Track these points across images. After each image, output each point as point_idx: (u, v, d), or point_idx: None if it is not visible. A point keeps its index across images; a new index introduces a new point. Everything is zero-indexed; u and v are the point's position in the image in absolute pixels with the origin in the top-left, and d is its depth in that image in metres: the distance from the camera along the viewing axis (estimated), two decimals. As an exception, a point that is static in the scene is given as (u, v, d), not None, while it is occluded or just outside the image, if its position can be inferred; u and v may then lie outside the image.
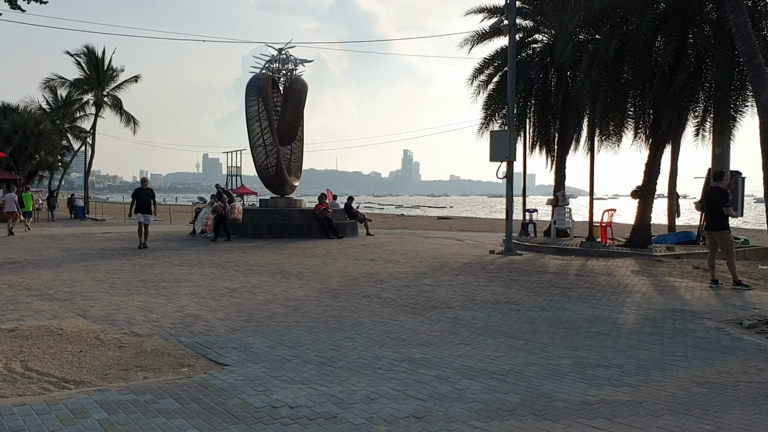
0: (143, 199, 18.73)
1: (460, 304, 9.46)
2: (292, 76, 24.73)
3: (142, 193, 18.91)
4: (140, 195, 18.83)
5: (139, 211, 18.58)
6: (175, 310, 8.88)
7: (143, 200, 18.71)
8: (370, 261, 15.27)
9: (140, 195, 18.83)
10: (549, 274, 12.94)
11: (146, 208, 18.63)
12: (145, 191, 18.97)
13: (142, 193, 18.90)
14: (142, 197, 18.77)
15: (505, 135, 16.80)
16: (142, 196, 18.80)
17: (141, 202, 18.67)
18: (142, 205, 18.62)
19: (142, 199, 18.72)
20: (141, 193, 18.89)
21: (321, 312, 8.85)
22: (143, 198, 18.76)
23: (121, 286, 11.12)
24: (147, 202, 18.72)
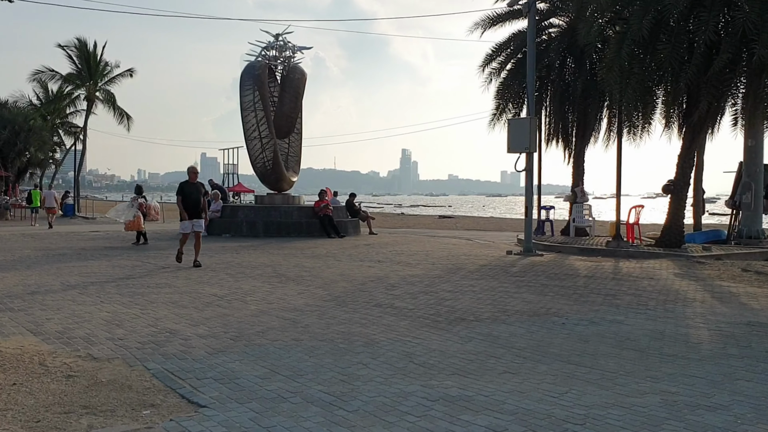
0: (193, 197, 13.08)
1: (491, 316, 7.91)
2: (290, 64, 23.14)
3: (192, 190, 13.20)
4: (189, 191, 13.14)
5: (188, 212, 13.04)
6: (149, 324, 7.33)
7: (193, 199, 13.08)
8: (377, 263, 13.72)
9: (189, 191, 13.14)
10: (582, 278, 11.39)
11: (196, 210, 13.12)
12: (195, 186, 13.27)
13: (191, 189, 13.21)
14: (192, 195, 13.11)
15: (525, 123, 15.25)
16: (192, 194, 13.12)
17: (189, 201, 13.07)
18: (190, 206, 13.06)
19: (191, 197, 13.08)
20: (190, 189, 13.19)
21: (325, 326, 7.30)
22: (193, 196, 13.10)
23: (91, 292, 9.56)
24: (197, 201, 13.13)
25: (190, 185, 13.16)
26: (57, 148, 52.00)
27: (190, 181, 13.23)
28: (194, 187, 13.18)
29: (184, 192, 13.07)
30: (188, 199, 13.00)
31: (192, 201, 13.00)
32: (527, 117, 15.38)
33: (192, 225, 13.00)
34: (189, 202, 12.99)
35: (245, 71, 22.44)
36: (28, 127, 45.77)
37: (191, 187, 13.13)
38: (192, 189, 13.11)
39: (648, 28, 13.79)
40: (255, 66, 22.39)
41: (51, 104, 47.13)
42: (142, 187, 19.56)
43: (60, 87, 47.24)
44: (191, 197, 13.04)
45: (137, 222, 17.83)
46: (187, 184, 13.18)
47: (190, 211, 12.94)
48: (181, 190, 13.16)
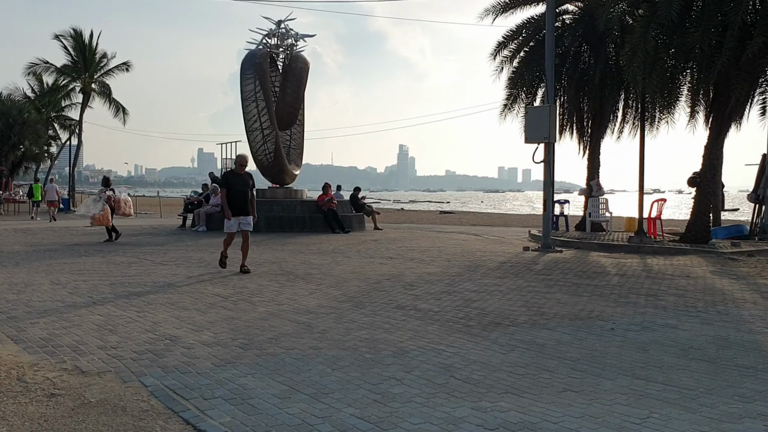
0: (240, 190, 11.05)
1: (529, 320, 7.09)
2: (293, 52, 22.26)
3: (239, 182, 11.13)
4: (235, 183, 11.11)
5: (234, 208, 11.02)
6: (146, 329, 6.49)
7: (240, 193, 11.05)
8: (388, 259, 12.89)
9: (235, 183, 11.11)
10: (614, 276, 10.58)
11: (243, 206, 11.11)
12: (242, 178, 11.17)
13: (238, 181, 11.13)
14: (239, 187, 11.07)
15: (544, 112, 14.41)
16: (239, 186, 11.08)
17: (236, 195, 11.04)
18: (237, 200, 11.05)
19: (237, 189, 11.06)
20: (236, 181, 11.14)
21: (344, 332, 6.47)
22: (240, 189, 11.05)
23: (83, 292, 8.72)
24: (245, 195, 11.08)
25: (237, 176, 11.18)
26: (52, 142, 51.02)
27: (236, 171, 11.33)
28: (241, 179, 11.15)
29: (229, 184, 11.13)
30: (235, 193, 11.01)
31: (239, 195, 11.01)
32: (546, 105, 14.54)
33: (239, 223, 11.06)
34: (236, 196, 11.00)
35: (246, 60, 21.56)
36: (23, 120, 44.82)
37: (238, 179, 11.14)
38: (239, 181, 11.11)
39: (677, 10, 12.95)
40: (256, 54, 21.50)
41: (46, 96, 46.14)
42: (109, 178, 17.78)
43: (55, 79, 46.28)
44: (238, 190, 11.03)
45: (105, 216, 16.42)
46: (233, 175, 11.28)
47: (236, 207, 10.98)
48: (225, 182, 11.33)
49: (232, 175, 11.37)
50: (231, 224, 11.07)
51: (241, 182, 11.12)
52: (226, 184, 11.18)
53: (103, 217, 16.38)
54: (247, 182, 11.19)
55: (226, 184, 11.21)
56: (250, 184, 11.26)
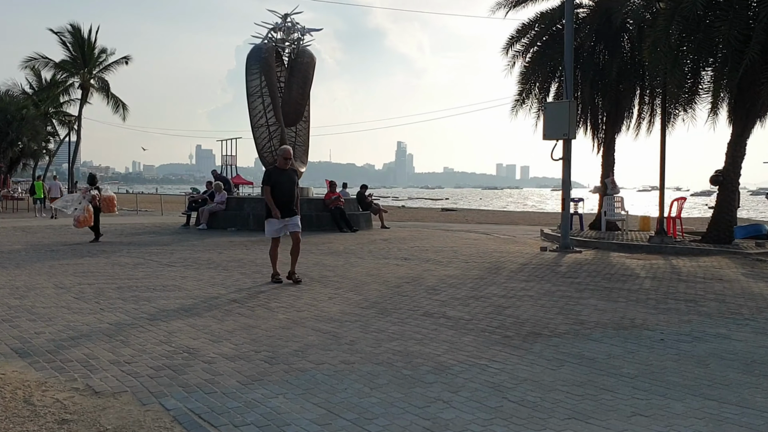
0: (286, 187, 9.73)
1: (570, 330, 6.62)
2: (299, 47, 21.74)
3: (284, 178, 9.79)
4: (280, 180, 9.74)
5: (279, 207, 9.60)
6: (161, 340, 6.02)
7: (286, 191, 9.71)
8: (403, 261, 12.43)
9: (280, 180, 9.74)
10: (644, 279, 10.12)
11: (290, 205, 9.73)
12: (287, 174, 9.84)
13: (283, 178, 9.79)
14: (285, 185, 9.74)
15: (563, 108, 13.93)
16: (285, 183, 9.75)
17: (282, 193, 9.67)
18: (284, 199, 9.66)
19: (284, 187, 9.71)
20: (281, 177, 9.78)
21: (374, 343, 6.00)
22: (286, 186, 9.73)
23: (89, 296, 8.25)
24: (291, 193, 9.77)
25: (281, 173, 9.77)
26: (50, 138, 50.49)
27: (279, 166, 9.86)
28: (286, 175, 9.78)
29: (272, 180, 9.67)
30: (280, 191, 9.63)
31: (285, 193, 9.65)
32: (566, 100, 14.06)
33: (285, 225, 9.67)
34: (282, 195, 9.62)
35: (251, 54, 21.05)
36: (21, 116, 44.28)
37: (283, 175, 9.75)
38: (284, 177, 9.73)
39: (703, 2, 12.48)
40: (261, 49, 20.99)
41: (44, 92, 45.58)
42: (95, 176, 16.79)
43: (54, 75, 45.77)
44: (284, 188, 9.66)
45: (89, 218, 15.29)
46: (277, 171, 9.81)
47: (283, 207, 9.59)
48: (268, 179, 9.78)
49: (276, 171, 9.85)
50: (274, 227, 9.63)
51: (286, 179, 9.77)
52: (270, 182, 9.71)
53: (87, 219, 15.35)
54: (293, 179, 9.88)
55: (269, 182, 9.73)
56: (296, 180, 9.97)
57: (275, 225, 9.69)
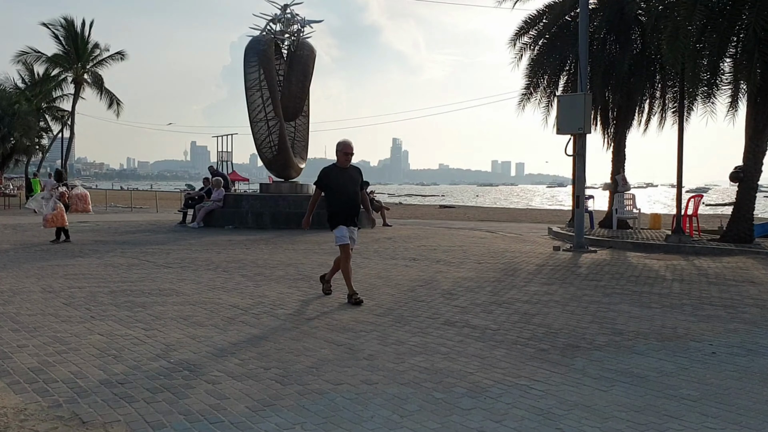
0: (348, 190, 7.82)
1: (609, 341, 6.01)
2: (299, 39, 21.07)
3: (345, 179, 7.85)
4: (340, 183, 7.82)
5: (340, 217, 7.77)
6: (158, 353, 5.39)
7: (348, 195, 7.81)
8: (412, 261, 11.82)
9: (340, 183, 7.82)
10: (671, 282, 9.52)
11: (353, 212, 7.88)
12: (348, 175, 7.88)
13: (344, 179, 7.84)
14: (347, 188, 7.83)
15: (578, 100, 13.31)
16: (347, 186, 7.83)
17: (342, 198, 7.79)
18: (346, 204, 7.79)
19: (345, 190, 7.81)
20: (341, 179, 7.83)
21: (396, 358, 5.38)
22: (348, 189, 7.82)
23: (79, 302, 7.61)
24: (354, 197, 7.88)
25: (341, 172, 7.79)
26: (43, 134, 49.64)
27: (339, 164, 7.84)
28: (348, 175, 7.79)
29: (331, 182, 7.74)
30: (341, 195, 7.70)
31: (348, 197, 7.73)
32: (581, 93, 13.43)
33: (346, 234, 7.81)
34: (343, 200, 7.70)
35: (249, 46, 20.35)
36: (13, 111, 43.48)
37: (343, 176, 7.77)
38: (344, 179, 7.75)
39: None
40: (260, 41, 20.31)
41: (36, 86, 44.74)
42: (62, 172, 15.68)
43: (46, 69, 44.93)
44: (346, 191, 7.73)
45: (60, 216, 14.10)
46: (336, 171, 7.81)
47: (344, 215, 7.72)
48: (325, 179, 7.79)
49: (334, 171, 7.81)
50: (343, 233, 7.76)
51: (348, 180, 7.79)
52: (328, 184, 7.77)
53: (57, 217, 14.13)
54: (356, 179, 7.86)
55: (326, 183, 7.78)
56: (360, 181, 7.96)
57: (344, 231, 7.76)
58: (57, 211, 14.13)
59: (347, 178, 7.86)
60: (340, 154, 7.89)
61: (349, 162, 7.90)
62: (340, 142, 7.92)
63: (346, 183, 7.84)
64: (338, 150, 7.90)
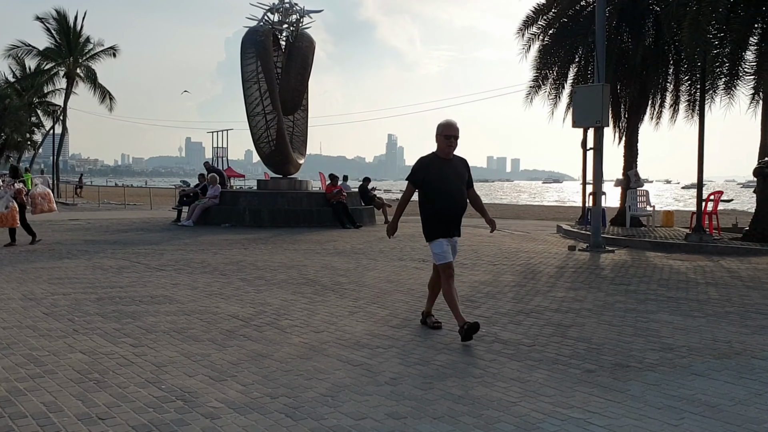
0: (452, 187, 5.88)
1: (661, 359, 5.29)
2: (298, 30, 20.30)
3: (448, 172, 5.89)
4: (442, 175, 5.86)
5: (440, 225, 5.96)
6: (148, 378, 4.66)
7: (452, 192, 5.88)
8: (422, 263, 11.11)
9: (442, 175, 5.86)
10: (706, 287, 8.81)
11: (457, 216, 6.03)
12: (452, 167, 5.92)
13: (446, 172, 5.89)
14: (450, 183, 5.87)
15: (596, 92, 12.58)
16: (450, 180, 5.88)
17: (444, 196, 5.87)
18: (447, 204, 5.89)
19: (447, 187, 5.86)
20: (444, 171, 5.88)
21: (423, 382, 4.66)
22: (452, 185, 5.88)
23: (62, 312, 6.87)
24: (460, 195, 5.93)
25: (443, 164, 5.88)
26: (35, 130, 48.83)
27: (441, 154, 5.92)
28: (451, 168, 5.89)
29: (429, 176, 5.85)
30: (444, 192, 5.83)
31: (452, 196, 5.86)
32: (599, 84, 12.70)
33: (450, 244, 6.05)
34: (446, 199, 5.85)
35: (246, 37, 19.59)
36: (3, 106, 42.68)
37: (445, 169, 5.87)
38: (447, 173, 5.86)
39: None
40: (258, 31, 19.54)
41: (27, 80, 43.86)
42: (18, 168, 14.41)
43: (38, 63, 44.07)
44: (448, 190, 5.85)
45: (12, 215, 12.88)
46: (435, 162, 5.90)
47: (446, 219, 5.93)
48: (421, 173, 5.91)
49: (434, 162, 5.89)
50: (443, 249, 5.93)
51: (452, 174, 5.87)
52: (424, 180, 5.88)
53: (8, 216, 12.86)
54: (462, 174, 5.95)
55: (421, 180, 5.91)
56: (467, 176, 6.02)
57: (444, 244, 5.93)
58: (10, 210, 12.89)
59: (451, 171, 5.87)
60: (441, 139, 5.88)
61: (453, 150, 5.89)
62: (442, 123, 5.92)
63: (450, 178, 5.84)
64: (438, 133, 5.90)
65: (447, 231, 5.96)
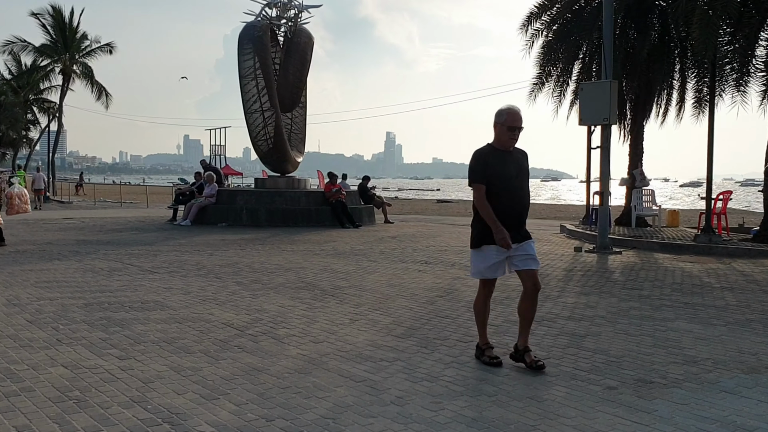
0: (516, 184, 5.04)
1: (686, 374, 4.93)
2: (296, 25, 19.91)
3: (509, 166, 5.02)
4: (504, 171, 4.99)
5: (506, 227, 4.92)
6: (133, 397, 4.29)
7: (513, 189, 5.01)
8: (425, 265, 10.74)
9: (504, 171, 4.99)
10: (723, 291, 8.44)
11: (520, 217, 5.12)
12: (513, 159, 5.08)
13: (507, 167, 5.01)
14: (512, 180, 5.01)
15: (603, 88, 12.22)
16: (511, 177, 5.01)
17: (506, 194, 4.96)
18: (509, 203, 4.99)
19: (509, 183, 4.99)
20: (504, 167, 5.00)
21: (433, 402, 4.29)
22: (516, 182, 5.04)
23: (47, 319, 6.49)
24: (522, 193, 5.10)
25: (505, 156, 5.06)
26: (31, 127, 48.35)
27: (500, 145, 5.07)
28: (512, 161, 5.08)
29: (490, 172, 4.97)
30: (505, 190, 4.98)
31: (515, 197, 5.04)
32: (606, 80, 12.33)
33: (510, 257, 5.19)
34: (507, 198, 4.99)
35: (244, 33, 19.18)
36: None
37: (507, 163, 5.04)
38: (509, 167, 5.03)
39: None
40: (255, 27, 19.13)
41: (23, 77, 43.41)
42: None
43: (34, 60, 43.62)
44: (510, 187, 5.01)
45: None
46: (497, 155, 5.05)
47: (510, 221, 4.99)
48: (479, 167, 5.01)
49: (495, 155, 5.02)
50: (490, 260, 5.10)
51: (514, 168, 5.04)
52: (484, 173, 4.96)
53: None
54: (525, 169, 5.15)
55: (485, 173, 4.95)
56: (526, 167, 5.19)
57: (492, 256, 5.06)
58: None
59: (513, 165, 5.01)
60: (503, 131, 4.96)
61: (515, 141, 5.01)
62: (504, 110, 4.99)
63: (511, 174, 4.97)
64: (499, 122, 4.97)
65: (512, 234, 5.00)
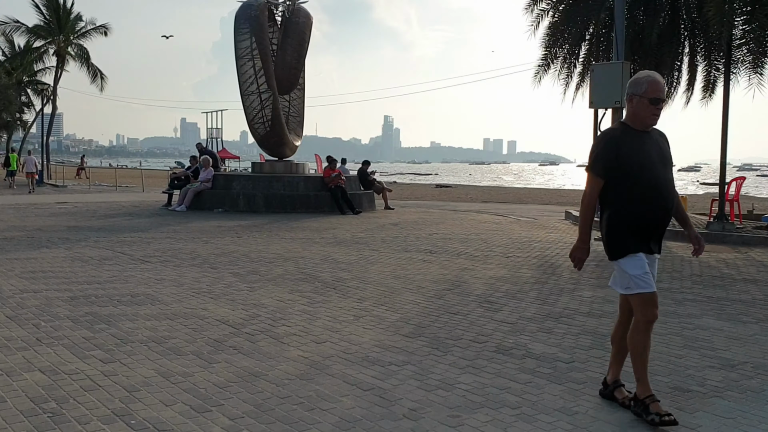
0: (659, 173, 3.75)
1: (725, 381, 4.50)
2: (294, 5, 19.32)
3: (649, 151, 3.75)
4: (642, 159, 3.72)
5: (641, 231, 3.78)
6: (115, 409, 3.84)
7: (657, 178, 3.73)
8: (430, 254, 10.28)
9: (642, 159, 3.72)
10: (746, 284, 8.01)
11: (665, 218, 3.81)
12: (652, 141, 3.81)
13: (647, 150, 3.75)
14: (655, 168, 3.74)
15: (615, 70, 11.72)
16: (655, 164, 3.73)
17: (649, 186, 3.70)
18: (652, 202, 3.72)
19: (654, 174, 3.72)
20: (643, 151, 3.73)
21: (450, 417, 3.86)
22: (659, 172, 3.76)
23: (28, 314, 6.03)
24: (668, 184, 3.79)
25: (643, 139, 3.81)
26: (25, 109, 47.64)
27: (635, 125, 3.83)
28: (652, 143, 3.83)
29: (625, 161, 3.73)
30: (644, 185, 3.73)
31: (659, 189, 3.76)
32: (618, 62, 11.83)
33: None
34: (649, 193, 3.73)
35: (240, 12, 18.59)
36: (-8, 85, 41.47)
37: (645, 146, 3.80)
38: (650, 150, 3.79)
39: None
40: (252, 6, 18.54)
41: (17, 59, 42.64)
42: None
43: (27, 41, 42.81)
44: (653, 176, 3.75)
45: None
46: (631, 137, 3.79)
47: (646, 223, 3.79)
48: (613, 153, 3.76)
49: (628, 137, 3.81)
50: (645, 270, 3.82)
51: (654, 152, 3.83)
52: (612, 164, 3.78)
53: None
54: (667, 154, 3.93)
55: (608, 166, 3.80)
56: (669, 154, 3.98)
57: (646, 262, 3.85)
58: None
59: (654, 151, 3.84)
60: (642, 103, 3.77)
61: (658, 118, 3.82)
62: (641, 79, 3.82)
63: (654, 160, 3.80)
64: (637, 93, 3.78)
65: (647, 242, 3.84)
